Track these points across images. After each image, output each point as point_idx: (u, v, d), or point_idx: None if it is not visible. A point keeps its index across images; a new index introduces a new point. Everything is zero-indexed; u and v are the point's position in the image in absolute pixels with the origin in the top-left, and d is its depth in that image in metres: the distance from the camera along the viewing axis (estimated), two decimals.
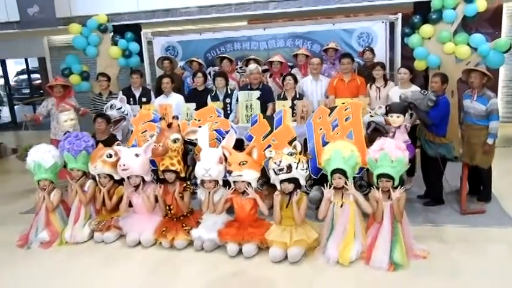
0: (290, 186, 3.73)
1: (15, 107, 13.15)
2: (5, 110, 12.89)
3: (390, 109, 4.36)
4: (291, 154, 3.76)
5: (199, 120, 4.82)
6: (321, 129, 4.47)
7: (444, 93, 4.63)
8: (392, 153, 3.57)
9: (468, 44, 5.80)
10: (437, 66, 5.97)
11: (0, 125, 12.25)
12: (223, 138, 4.47)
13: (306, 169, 3.83)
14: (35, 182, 4.44)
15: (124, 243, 4.17)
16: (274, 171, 3.74)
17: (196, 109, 5.14)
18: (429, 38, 6.04)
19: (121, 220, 4.29)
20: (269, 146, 4.36)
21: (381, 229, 3.61)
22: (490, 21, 8.00)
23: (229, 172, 3.88)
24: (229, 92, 5.70)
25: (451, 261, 3.57)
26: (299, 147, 3.89)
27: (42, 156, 4.40)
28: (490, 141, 4.38)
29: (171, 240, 4.02)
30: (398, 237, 3.56)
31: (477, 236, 3.99)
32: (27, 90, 16.37)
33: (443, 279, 3.32)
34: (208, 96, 5.65)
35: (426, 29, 5.98)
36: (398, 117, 4.28)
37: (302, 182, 3.80)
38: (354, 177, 4.10)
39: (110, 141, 4.80)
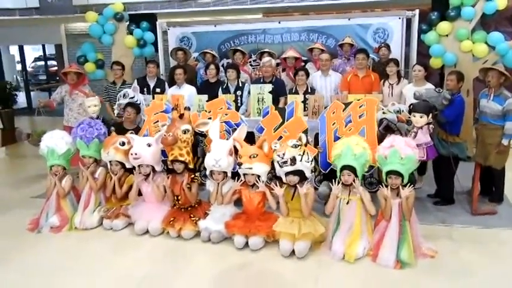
0: (295, 179, 3.71)
1: (32, 93, 13.31)
2: (21, 96, 13.06)
3: (414, 108, 4.23)
4: (296, 146, 3.72)
5: (209, 112, 4.83)
6: (334, 124, 4.44)
7: (459, 92, 4.57)
8: (402, 150, 3.53)
9: (486, 43, 5.71)
10: (454, 65, 5.90)
11: (16, 110, 12.42)
12: (233, 130, 4.48)
13: (311, 161, 3.78)
14: (48, 167, 4.50)
15: (132, 231, 4.21)
16: (278, 163, 3.72)
17: (207, 101, 5.14)
18: (446, 36, 5.94)
19: (130, 208, 4.33)
20: (280, 137, 4.35)
21: (388, 227, 3.58)
22: (510, 20, 7.83)
23: (240, 164, 3.88)
24: (240, 84, 5.69)
25: (459, 261, 3.53)
26: (304, 139, 3.84)
27: (56, 142, 4.46)
28: (505, 141, 4.30)
29: (179, 230, 4.04)
30: (406, 236, 3.53)
31: (487, 237, 3.94)
32: (43, 77, 16.63)
33: (451, 279, 3.29)
34: (220, 89, 5.64)
35: (443, 26, 5.88)
36: (421, 117, 4.16)
37: (308, 174, 3.76)
38: (364, 175, 4.08)
39: (137, 132, 4.86)
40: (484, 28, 5.94)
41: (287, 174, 3.72)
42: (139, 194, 4.40)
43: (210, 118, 4.70)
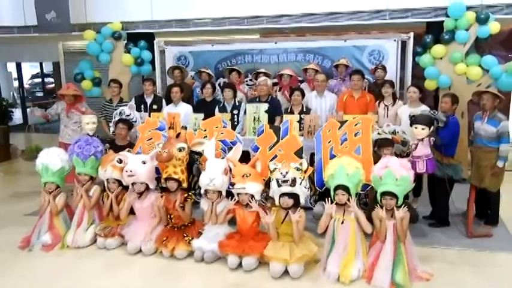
0: (289, 202, 3.69)
1: (28, 109, 13.30)
2: (18, 112, 13.04)
3: (416, 120, 4.21)
4: (298, 169, 3.74)
5: (205, 130, 4.84)
6: (329, 142, 4.47)
7: (454, 114, 4.60)
8: (397, 171, 3.54)
9: (480, 66, 5.78)
10: (448, 87, 5.95)
11: (11, 127, 12.39)
12: (229, 148, 4.48)
13: (308, 188, 3.80)
14: (42, 184, 4.46)
15: (125, 250, 4.16)
16: (277, 181, 3.70)
17: (203, 119, 5.15)
18: (441, 58, 6.01)
19: (124, 228, 4.29)
20: (275, 156, 4.35)
21: (383, 248, 3.57)
22: (503, 44, 7.93)
23: (233, 184, 3.87)
24: (237, 103, 5.71)
25: (455, 284, 3.51)
26: (305, 165, 3.86)
27: (50, 159, 4.44)
28: (500, 163, 4.31)
29: (172, 250, 4.00)
30: (401, 257, 3.51)
31: (483, 260, 3.92)
32: (40, 94, 16.61)
33: None
34: (216, 108, 5.66)
35: (438, 49, 5.96)
36: (423, 129, 4.14)
37: (302, 200, 3.76)
38: (359, 194, 4.08)
39: (129, 148, 4.84)
40: (478, 51, 6.01)
41: (282, 195, 3.70)
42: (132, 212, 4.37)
43: (205, 137, 4.71)
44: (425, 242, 4.24)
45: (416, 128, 4.19)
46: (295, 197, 3.70)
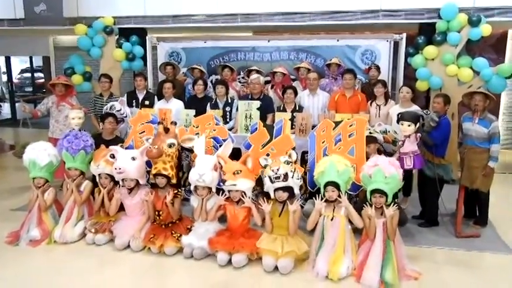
0: (284, 195, 3.71)
1: (16, 104, 13.18)
2: (6, 107, 12.90)
3: (402, 117, 4.26)
4: (288, 163, 3.74)
5: (197, 127, 4.82)
6: (323, 142, 4.47)
7: (445, 114, 4.62)
8: (386, 169, 3.55)
9: (471, 68, 5.82)
10: (439, 88, 5.98)
11: (0, 121, 12.26)
12: (221, 146, 4.45)
13: (300, 178, 3.81)
14: (30, 179, 4.40)
15: (114, 246, 4.12)
16: (270, 178, 3.71)
17: (195, 116, 5.12)
18: (432, 59, 6.06)
19: (113, 224, 4.25)
20: (268, 155, 4.34)
21: (373, 247, 3.57)
22: (494, 47, 8.03)
23: (224, 181, 3.85)
24: (229, 100, 5.70)
25: (443, 283, 3.52)
26: (294, 156, 3.87)
27: (37, 154, 4.37)
28: (491, 164, 4.34)
29: (160, 247, 3.97)
30: (391, 256, 3.52)
31: (471, 260, 3.94)
32: (30, 89, 16.44)
33: None
34: (208, 104, 5.64)
35: (430, 50, 6.00)
36: (409, 125, 4.18)
37: (296, 191, 3.77)
38: (350, 195, 4.09)
39: (116, 142, 4.79)
40: (469, 54, 6.06)
41: (277, 190, 3.71)
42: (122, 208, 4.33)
43: (197, 133, 4.69)
44: (414, 241, 4.25)
45: (402, 124, 4.23)
46: (289, 189, 3.71)
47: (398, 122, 4.30)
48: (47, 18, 7.13)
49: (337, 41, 6.62)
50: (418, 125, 4.22)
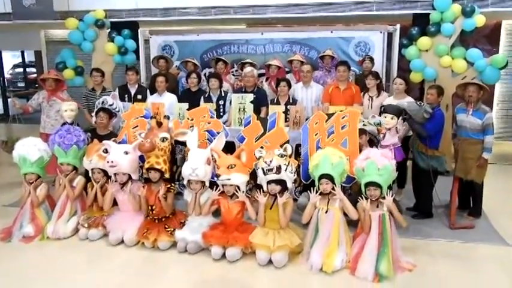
0: (277, 188, 3.69)
1: (8, 99, 13.05)
2: None
3: (385, 110, 4.40)
4: (282, 156, 3.72)
5: (192, 120, 4.78)
6: (316, 135, 4.45)
7: (439, 106, 4.61)
8: (379, 161, 3.55)
9: (465, 59, 5.81)
10: (433, 79, 5.97)
11: None
12: (215, 139, 4.42)
13: (294, 172, 3.80)
14: (22, 175, 4.36)
15: (107, 241, 4.10)
16: (263, 170, 3.69)
17: (188, 109, 5.08)
18: (426, 51, 6.03)
19: (106, 219, 4.22)
20: (261, 148, 4.31)
21: (368, 239, 3.56)
22: (488, 38, 8.02)
23: (218, 176, 3.83)
24: (222, 94, 5.65)
25: (437, 275, 3.53)
26: (289, 150, 3.85)
27: (27, 149, 4.32)
28: (486, 155, 4.35)
29: (153, 242, 3.95)
30: (387, 249, 3.50)
31: (465, 252, 3.95)
32: (22, 84, 16.29)
33: None
34: (202, 98, 5.60)
35: (424, 41, 5.97)
36: (392, 118, 4.30)
37: (289, 184, 3.77)
38: (344, 187, 4.07)
39: (110, 137, 4.74)
40: (463, 45, 6.04)
41: (269, 182, 3.69)
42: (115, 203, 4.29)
43: (192, 126, 4.65)
44: (408, 233, 4.24)
45: (385, 117, 4.33)
46: (282, 182, 3.69)
47: (380, 114, 4.37)
48: (37, 12, 7.03)
49: (331, 32, 6.57)
50: (400, 118, 4.34)
